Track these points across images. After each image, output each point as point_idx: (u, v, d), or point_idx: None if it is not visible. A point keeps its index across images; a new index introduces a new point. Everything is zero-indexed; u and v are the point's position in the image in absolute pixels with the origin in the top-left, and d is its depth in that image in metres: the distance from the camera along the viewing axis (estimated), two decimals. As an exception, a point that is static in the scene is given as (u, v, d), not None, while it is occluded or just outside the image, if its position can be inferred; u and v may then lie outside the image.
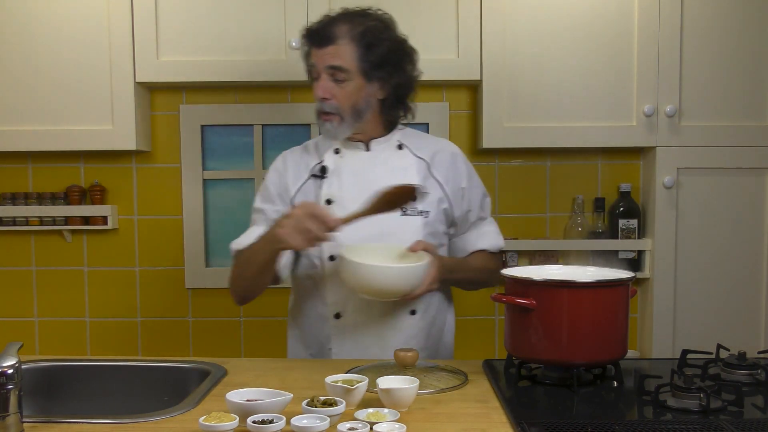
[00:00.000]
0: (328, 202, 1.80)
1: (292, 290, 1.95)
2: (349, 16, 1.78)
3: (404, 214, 1.79)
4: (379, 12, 1.82)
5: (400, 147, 1.87)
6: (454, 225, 1.91)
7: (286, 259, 1.82)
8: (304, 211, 1.59)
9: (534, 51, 2.42)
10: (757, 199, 2.48)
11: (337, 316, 1.81)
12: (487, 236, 1.95)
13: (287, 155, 1.91)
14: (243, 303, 1.86)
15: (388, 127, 1.88)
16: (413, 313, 1.83)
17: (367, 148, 1.86)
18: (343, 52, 1.74)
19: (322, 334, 1.84)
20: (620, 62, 2.42)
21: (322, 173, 1.84)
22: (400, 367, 1.54)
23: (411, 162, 1.86)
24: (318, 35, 1.76)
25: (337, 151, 1.85)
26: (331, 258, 1.79)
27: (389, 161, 1.85)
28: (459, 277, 1.88)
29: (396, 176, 1.80)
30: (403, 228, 1.79)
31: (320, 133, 1.86)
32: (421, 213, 1.81)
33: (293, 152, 1.92)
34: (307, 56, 1.82)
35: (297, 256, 1.88)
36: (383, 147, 1.86)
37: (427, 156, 1.88)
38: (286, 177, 1.86)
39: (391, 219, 1.77)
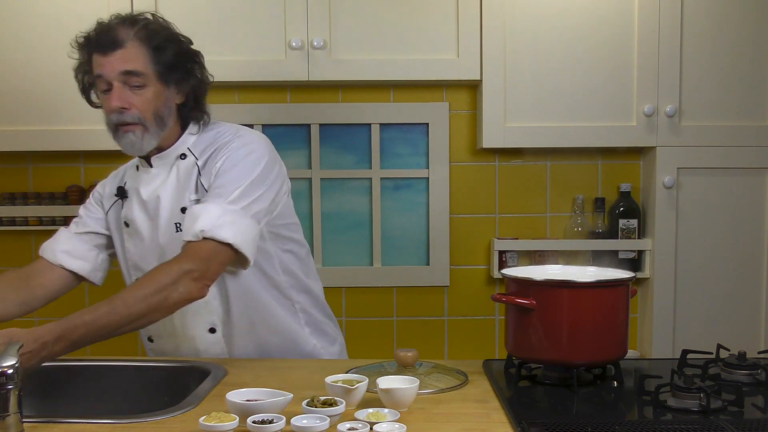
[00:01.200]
0: (126, 224, 1.72)
1: None
2: (128, 19, 1.65)
3: (178, 230, 1.65)
4: (157, 15, 1.71)
5: (183, 156, 1.69)
6: None
7: (93, 263, 1.79)
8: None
9: (534, 51, 2.42)
10: (757, 199, 2.48)
11: (150, 339, 1.81)
12: (199, 219, 1.55)
13: (97, 190, 1.83)
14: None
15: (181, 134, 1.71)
16: (212, 331, 1.73)
17: (150, 165, 1.71)
18: (134, 55, 1.60)
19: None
20: (620, 62, 2.42)
21: (121, 195, 1.75)
22: (400, 367, 1.54)
23: (190, 170, 1.68)
24: (101, 40, 1.60)
25: (137, 168, 1.75)
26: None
27: (170, 175, 1.69)
28: (87, 334, 1.49)
29: (170, 190, 1.67)
30: (177, 246, 1.59)
31: (125, 149, 1.66)
32: None
33: (104, 183, 1.83)
34: (83, 68, 1.65)
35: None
36: (164, 162, 1.70)
37: (206, 155, 1.68)
38: (102, 195, 1.80)
39: (169, 238, 1.66)
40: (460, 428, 1.26)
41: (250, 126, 2.65)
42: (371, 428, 1.20)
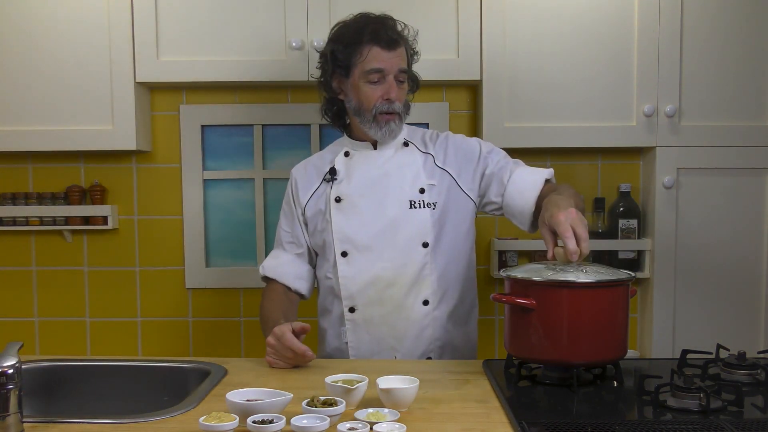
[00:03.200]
0: (338, 200, 1.88)
1: (318, 290, 2.01)
2: (393, 19, 1.89)
3: (412, 207, 1.86)
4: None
5: (406, 144, 1.95)
6: (480, 194, 1.95)
7: (307, 280, 1.98)
8: (278, 342, 1.64)
9: (534, 51, 2.42)
10: (757, 199, 2.48)
11: (351, 310, 1.88)
12: (534, 173, 1.92)
13: (296, 170, 2.01)
14: None
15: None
16: (426, 303, 1.87)
17: (375, 148, 1.93)
18: (404, 55, 1.87)
19: (338, 329, 1.92)
20: (620, 62, 2.42)
21: (332, 175, 1.91)
22: (561, 262, 1.52)
23: (417, 157, 1.93)
24: (388, 38, 1.82)
25: (347, 154, 1.94)
26: (343, 254, 1.86)
27: (396, 158, 1.92)
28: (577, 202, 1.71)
29: (403, 172, 1.89)
30: (411, 220, 1.86)
31: (379, 134, 1.87)
32: (428, 205, 1.87)
33: (301, 165, 2.02)
34: (350, 56, 1.84)
35: (316, 259, 1.99)
36: (390, 145, 1.93)
37: (432, 149, 1.95)
38: (296, 192, 1.96)
39: (400, 212, 1.85)
40: (460, 428, 1.26)
41: (250, 126, 2.67)
42: (371, 428, 1.20)
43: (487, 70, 2.42)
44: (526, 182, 1.90)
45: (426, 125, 2.64)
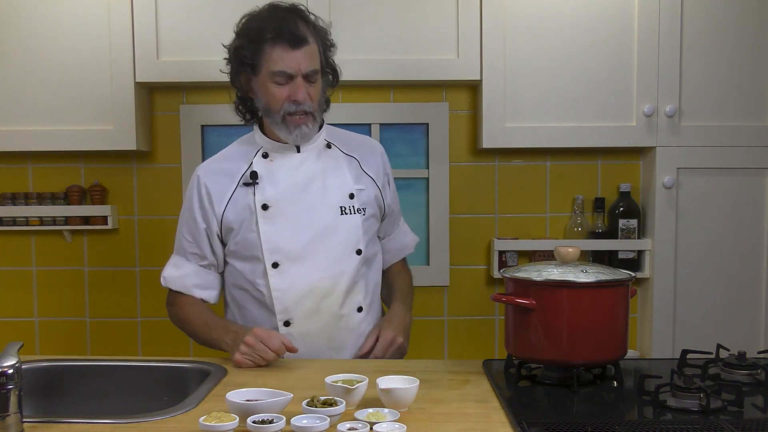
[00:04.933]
0: (264, 207, 1.77)
1: (229, 302, 1.90)
2: (301, 14, 1.74)
3: (343, 213, 1.80)
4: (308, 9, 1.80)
5: (328, 146, 1.86)
6: (383, 216, 1.93)
7: (215, 288, 1.87)
8: (263, 341, 1.62)
9: (534, 51, 2.42)
10: (757, 199, 2.48)
11: (287, 324, 1.79)
12: (409, 234, 2.07)
13: (203, 172, 1.84)
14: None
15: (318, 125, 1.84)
16: (360, 310, 1.83)
17: (297, 150, 1.82)
18: (314, 53, 1.73)
19: None
20: (620, 62, 2.42)
21: (253, 179, 1.78)
22: (561, 262, 1.53)
23: (341, 160, 1.86)
24: (292, 36, 1.68)
25: (265, 155, 1.82)
26: (274, 265, 1.76)
27: (320, 161, 1.83)
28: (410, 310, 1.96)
29: (329, 175, 1.81)
30: (342, 227, 1.80)
31: (290, 137, 1.77)
32: (358, 211, 1.82)
33: (209, 166, 1.86)
34: (246, 53, 1.72)
35: (224, 269, 1.88)
36: (312, 147, 1.83)
37: (356, 153, 1.88)
38: (209, 200, 1.80)
39: (331, 219, 1.78)
40: (460, 428, 1.26)
41: (250, 126, 2.66)
42: (371, 428, 1.20)
43: (487, 70, 2.42)
44: (396, 246, 2.02)
45: (426, 125, 2.64)
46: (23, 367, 1.22)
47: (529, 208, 2.68)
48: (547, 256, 2.62)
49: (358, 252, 1.80)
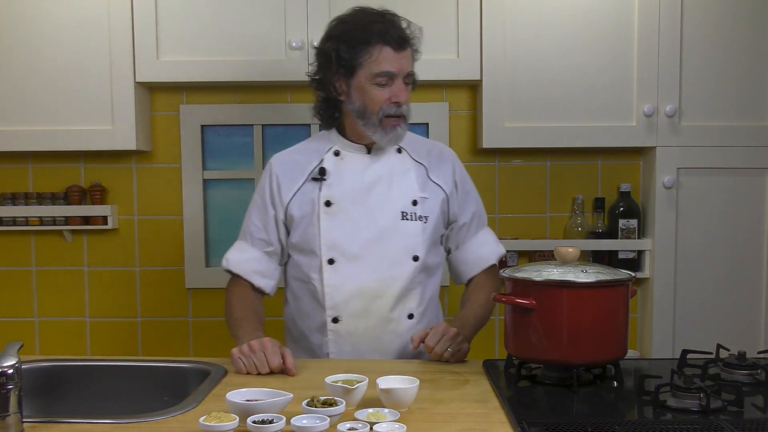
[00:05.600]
0: (328, 204, 1.80)
1: (288, 295, 1.94)
2: (399, 16, 1.80)
3: (404, 218, 1.80)
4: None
5: (399, 151, 1.88)
6: (450, 224, 1.91)
7: (273, 279, 1.88)
8: (266, 353, 1.59)
9: (534, 51, 2.42)
10: (757, 199, 2.48)
11: (335, 320, 1.81)
12: (489, 246, 1.95)
13: (276, 161, 1.89)
14: None
15: None
16: (411, 317, 1.83)
17: (368, 152, 1.86)
18: (410, 57, 1.79)
19: (320, 338, 1.84)
20: (620, 62, 2.42)
21: (321, 175, 1.82)
22: (561, 262, 1.53)
23: (410, 166, 1.87)
24: (398, 37, 1.74)
25: (336, 153, 1.85)
26: (330, 261, 1.79)
27: (389, 165, 1.85)
28: (480, 326, 1.90)
29: (395, 180, 1.82)
30: (402, 231, 1.80)
31: (384, 139, 1.79)
32: (420, 218, 1.82)
33: (282, 157, 1.90)
34: (355, 55, 1.74)
35: (287, 261, 1.90)
36: (384, 150, 1.85)
37: (425, 160, 1.89)
38: (278, 188, 1.85)
39: (391, 222, 1.80)
40: (460, 428, 1.26)
41: (250, 126, 2.67)
42: (371, 428, 1.20)
43: (487, 70, 2.42)
44: (471, 258, 1.94)
45: (426, 125, 2.64)
46: (23, 367, 1.22)
47: (529, 208, 2.68)
48: (547, 256, 2.62)
49: (415, 258, 1.81)
